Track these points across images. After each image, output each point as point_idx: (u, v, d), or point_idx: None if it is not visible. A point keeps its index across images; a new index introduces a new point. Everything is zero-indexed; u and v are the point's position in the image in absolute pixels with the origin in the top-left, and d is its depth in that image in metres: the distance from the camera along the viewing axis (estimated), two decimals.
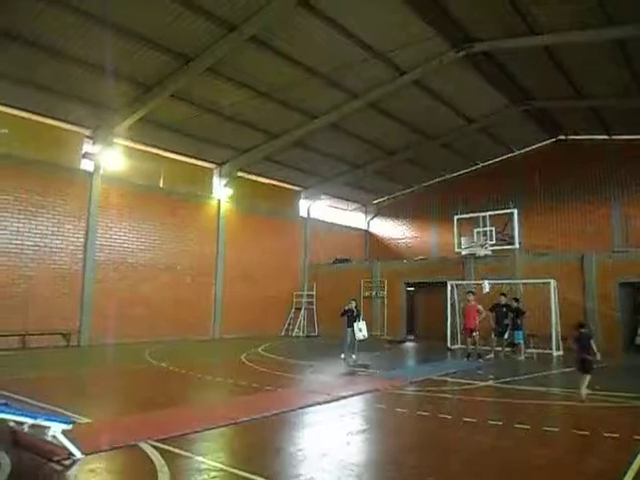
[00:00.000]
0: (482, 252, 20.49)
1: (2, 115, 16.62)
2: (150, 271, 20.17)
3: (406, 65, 17.85)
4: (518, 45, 16.51)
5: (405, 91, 19.30)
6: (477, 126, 23.31)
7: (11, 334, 15.92)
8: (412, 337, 23.69)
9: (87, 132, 18.69)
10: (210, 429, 6.65)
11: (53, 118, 17.64)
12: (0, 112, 16.54)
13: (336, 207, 30.75)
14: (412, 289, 24.85)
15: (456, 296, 19.24)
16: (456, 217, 21.36)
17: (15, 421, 5.01)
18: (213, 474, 4.97)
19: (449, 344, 18.65)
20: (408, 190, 30.47)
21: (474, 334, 15.46)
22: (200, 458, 5.41)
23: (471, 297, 15.99)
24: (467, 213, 21.25)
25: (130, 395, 9.37)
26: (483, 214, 20.42)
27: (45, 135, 17.67)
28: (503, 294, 16.54)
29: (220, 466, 5.21)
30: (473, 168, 28.19)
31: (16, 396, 7.72)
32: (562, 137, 25.81)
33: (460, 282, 20.03)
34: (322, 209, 29.41)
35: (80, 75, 15.79)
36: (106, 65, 15.27)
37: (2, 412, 4.63)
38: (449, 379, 11.41)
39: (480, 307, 15.69)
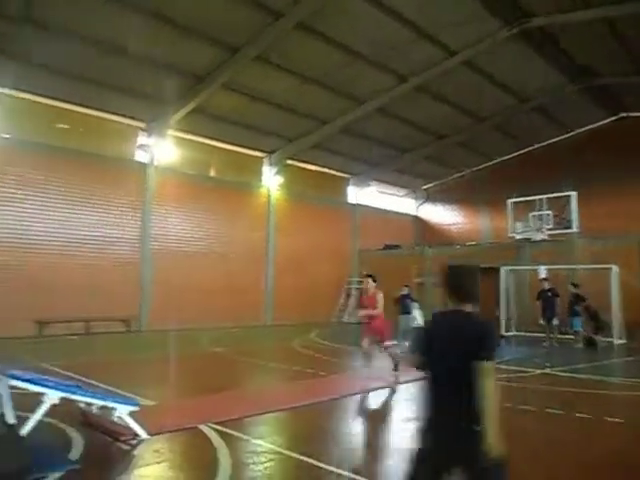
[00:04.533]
0: (538, 236, 19.86)
1: (63, 111, 17.37)
2: (204, 259, 20.69)
3: (456, 45, 17.42)
4: (575, 19, 15.79)
5: (455, 72, 18.82)
6: (531, 105, 22.52)
7: (76, 320, 16.76)
8: None
9: (142, 125, 19.28)
10: (266, 413, 6.81)
11: (110, 112, 18.28)
12: (61, 108, 17.30)
13: (385, 193, 30.50)
14: None
15: (510, 282, 18.76)
16: (510, 201, 20.76)
17: (85, 403, 5.29)
18: (271, 456, 5.10)
19: (503, 331, 18.26)
20: (458, 174, 29.83)
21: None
22: (258, 441, 5.56)
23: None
24: (521, 197, 20.61)
25: (189, 379, 9.70)
26: (539, 197, 19.77)
27: (102, 129, 18.37)
28: (574, 284, 15.96)
29: (278, 449, 5.34)
30: (527, 150, 27.27)
31: (84, 379, 8.14)
32: (624, 114, 24.56)
33: (515, 268, 19.51)
34: (371, 195, 29.24)
35: (135, 70, 16.27)
36: (160, 59, 15.68)
37: (74, 394, 4.90)
38: (503, 366, 11.20)
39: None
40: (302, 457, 5.02)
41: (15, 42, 14.29)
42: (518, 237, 20.58)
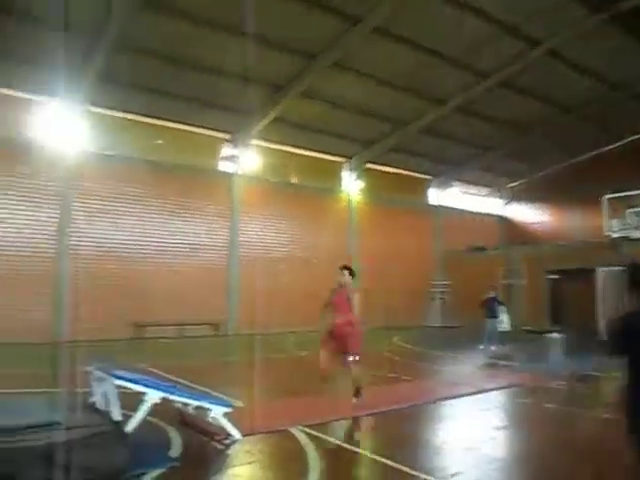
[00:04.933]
0: (638, 234, 18.54)
1: (158, 127, 18.55)
2: (287, 264, 21.11)
3: (541, 35, 16.67)
4: None
5: (540, 63, 18.02)
6: (626, 94, 21.01)
7: (169, 324, 17.73)
8: (557, 328, 22.13)
9: (227, 136, 20.11)
10: (352, 417, 6.86)
11: (197, 126, 19.25)
12: (156, 125, 18.48)
13: (468, 193, 29.68)
14: (555, 276, 23.19)
15: (608, 283, 17.62)
16: (606, 197, 19.52)
17: (182, 403, 5.60)
18: (358, 460, 5.15)
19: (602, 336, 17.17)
20: (545, 171, 28.40)
21: None
22: (345, 445, 5.62)
23: None
24: (616, 192, 19.30)
25: (276, 382, 9.95)
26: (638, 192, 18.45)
27: (192, 142, 19.41)
28: None
29: (364, 453, 5.38)
30: (621, 143, 25.45)
31: (179, 380, 8.60)
32: None
33: (613, 268, 18.27)
34: (453, 196, 28.57)
35: (220, 84, 17.05)
36: (242, 72, 16.30)
37: (173, 394, 5.21)
38: (601, 374, 10.52)
39: None
40: (389, 462, 5.01)
41: (117, 67, 15.45)
42: (614, 235, 19.30)
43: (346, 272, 7.40)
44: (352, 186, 23.74)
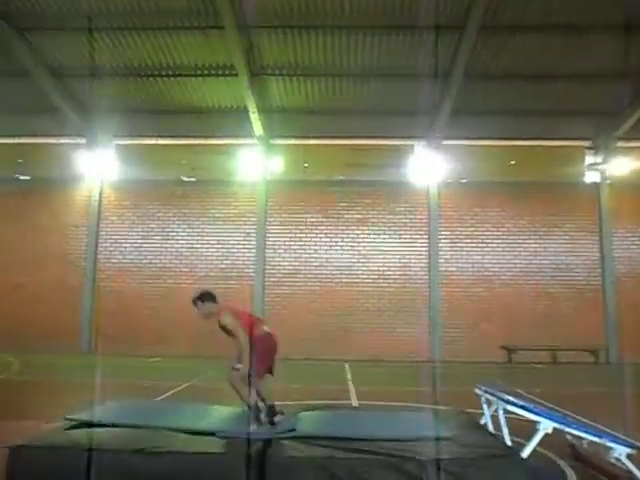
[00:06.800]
0: None
1: (511, 148, 18.38)
2: None
3: None
4: None
5: None
6: None
7: (540, 348, 16.90)
8: None
9: (586, 143, 18.38)
10: None
11: (552, 139, 18.20)
12: (508, 146, 18.36)
13: None
14: None
15: None
16: None
17: (574, 435, 5.16)
18: None
19: None
20: None
21: None
22: None
23: None
24: None
25: None
26: None
27: (546, 156, 18.38)
28: None
29: None
30: None
31: (556, 409, 8.00)
32: None
33: None
34: None
35: (579, 90, 15.87)
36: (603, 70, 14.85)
37: (568, 426, 4.85)
38: None
39: None
40: None
41: (469, 98, 16.19)
42: None
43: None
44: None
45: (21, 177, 18.75)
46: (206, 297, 5.52)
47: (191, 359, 15.41)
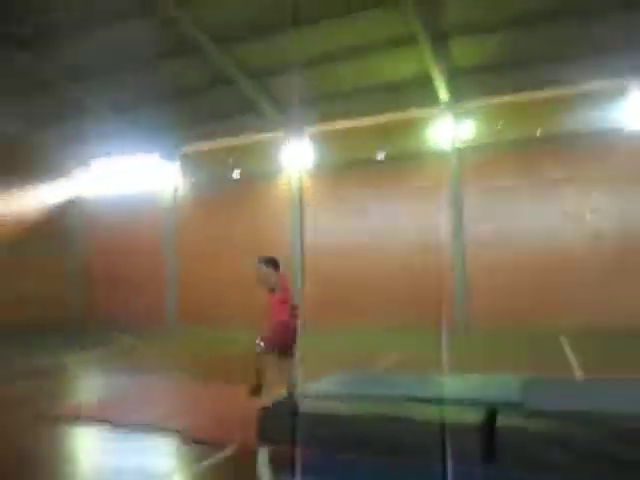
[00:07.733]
0: None
1: None
2: None
3: None
4: None
5: None
6: None
7: None
8: None
9: None
10: None
11: None
12: None
13: None
14: None
15: None
16: None
17: None
18: None
19: None
20: None
21: None
22: None
23: None
24: None
25: None
26: None
27: None
28: None
29: None
30: None
31: None
32: None
33: None
34: None
35: None
36: None
37: None
38: None
39: None
40: None
41: None
42: None
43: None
44: None
45: (233, 176, 21.02)
46: (271, 263, 5.86)
47: (389, 331, 15.85)
